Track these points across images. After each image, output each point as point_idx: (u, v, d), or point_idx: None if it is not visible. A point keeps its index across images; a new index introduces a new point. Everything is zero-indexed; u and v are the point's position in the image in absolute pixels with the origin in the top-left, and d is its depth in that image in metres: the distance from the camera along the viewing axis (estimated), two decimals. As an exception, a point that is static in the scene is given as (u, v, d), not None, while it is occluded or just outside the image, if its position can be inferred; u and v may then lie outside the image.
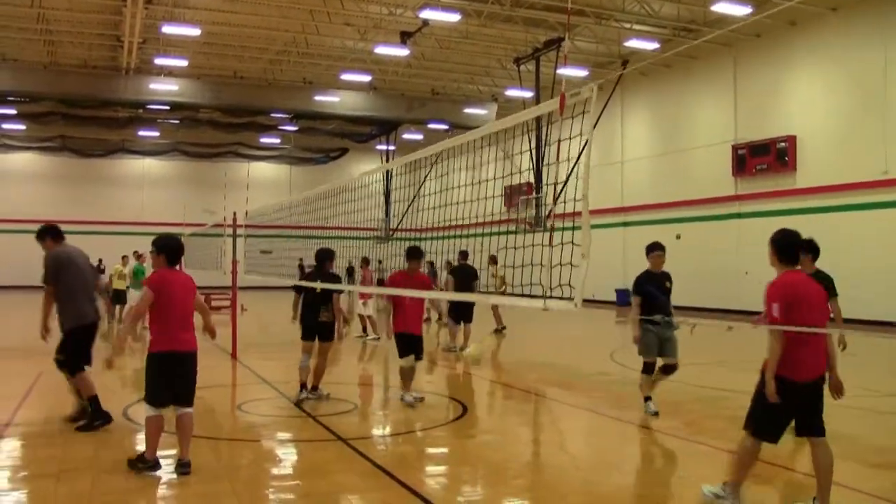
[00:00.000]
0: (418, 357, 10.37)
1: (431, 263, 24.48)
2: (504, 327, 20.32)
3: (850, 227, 23.71)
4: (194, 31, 27.85)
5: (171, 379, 6.96)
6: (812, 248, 8.02)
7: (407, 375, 10.39)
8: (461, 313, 16.68)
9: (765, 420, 5.86)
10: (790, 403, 5.74)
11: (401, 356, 10.37)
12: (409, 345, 10.29)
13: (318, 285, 10.49)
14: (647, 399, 9.62)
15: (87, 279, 8.92)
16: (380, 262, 24.94)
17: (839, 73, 25.07)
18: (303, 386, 10.52)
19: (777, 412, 5.76)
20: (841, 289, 8.83)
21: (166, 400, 7.02)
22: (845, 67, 24.77)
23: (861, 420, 9.48)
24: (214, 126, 40.81)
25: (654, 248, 10.06)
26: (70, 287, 8.61)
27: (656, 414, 9.40)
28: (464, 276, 17.08)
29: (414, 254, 10.49)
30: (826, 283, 7.10)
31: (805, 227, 22.19)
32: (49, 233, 8.92)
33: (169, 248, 7.45)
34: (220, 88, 35.32)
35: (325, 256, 10.83)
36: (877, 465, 7.59)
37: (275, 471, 7.41)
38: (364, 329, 19.20)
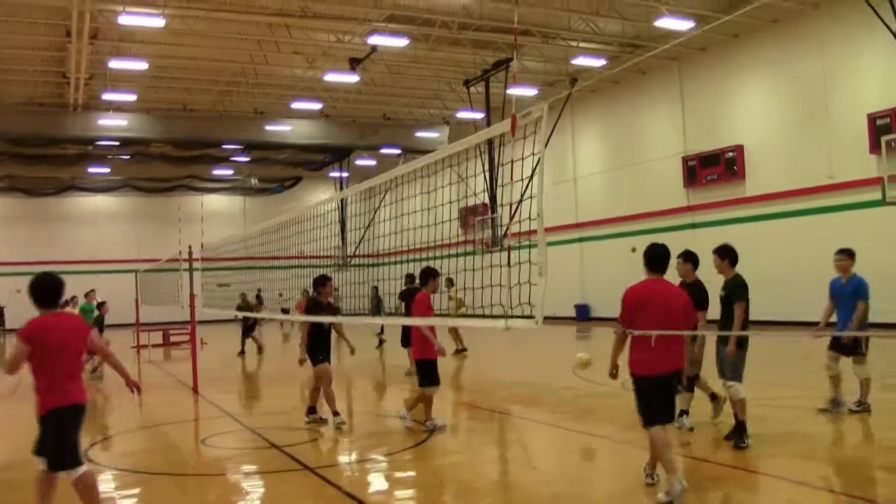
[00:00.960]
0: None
1: (375, 289, 24.43)
2: (465, 349, 20.31)
3: (798, 231, 24.16)
4: (142, 66, 27.62)
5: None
6: (690, 258, 8.72)
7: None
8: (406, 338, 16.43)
9: (645, 411, 6.76)
10: (653, 393, 6.72)
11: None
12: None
13: (325, 319, 10.87)
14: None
15: None
16: (336, 289, 24.68)
17: (782, 83, 25.63)
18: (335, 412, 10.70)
19: (648, 402, 6.73)
20: (788, 291, 9.16)
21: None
22: (787, 77, 25.33)
23: (819, 419, 9.63)
24: (166, 160, 40.45)
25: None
26: None
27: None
28: (409, 300, 16.96)
29: (432, 274, 10.58)
30: (698, 294, 8.56)
31: (756, 233, 22.72)
32: None
33: (34, 291, 6.11)
34: (170, 122, 35.05)
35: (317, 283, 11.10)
36: (836, 462, 7.71)
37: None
38: None
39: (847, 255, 10.18)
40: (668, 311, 6.80)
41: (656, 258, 7.04)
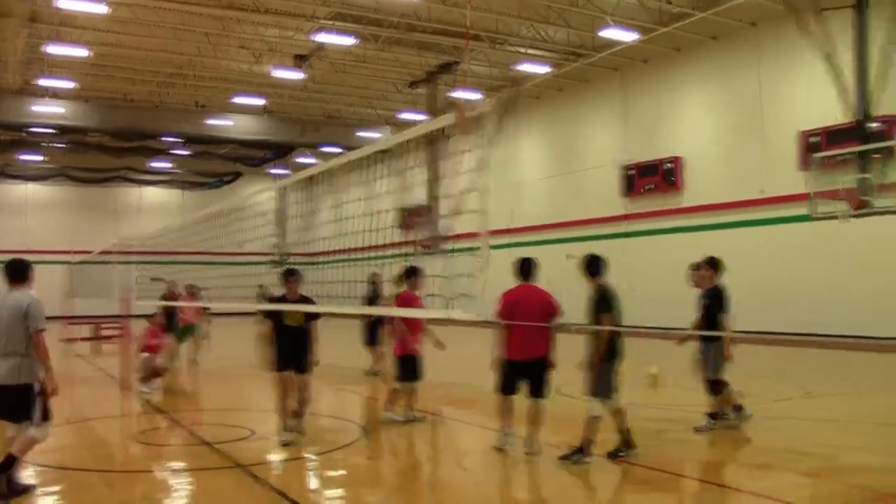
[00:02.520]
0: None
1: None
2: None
3: (732, 243, 24.65)
4: (82, 52, 27.07)
5: None
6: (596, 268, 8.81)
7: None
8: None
9: (501, 383, 8.73)
10: (510, 373, 8.62)
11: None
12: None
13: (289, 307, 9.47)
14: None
15: None
16: (260, 286, 24.32)
17: (720, 97, 26.19)
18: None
19: (504, 378, 8.69)
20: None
21: None
22: (725, 92, 25.90)
23: (746, 424, 9.87)
24: (103, 150, 39.59)
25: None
26: None
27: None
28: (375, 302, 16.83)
29: (414, 273, 10.72)
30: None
31: (690, 244, 23.07)
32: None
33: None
34: (109, 111, 34.42)
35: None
36: (763, 467, 7.92)
37: (171, 502, 7.25)
38: None
39: (708, 265, 10.20)
40: (532, 311, 8.53)
41: (523, 269, 9.06)
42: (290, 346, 9.23)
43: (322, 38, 26.07)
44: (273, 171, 45.71)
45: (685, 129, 27.38)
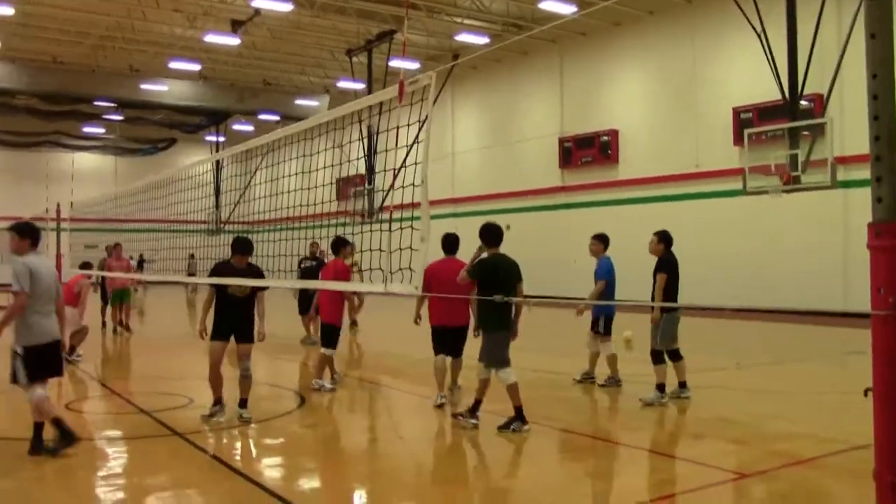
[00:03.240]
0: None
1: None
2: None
3: (667, 216, 25.06)
4: (6, 10, 26.19)
5: None
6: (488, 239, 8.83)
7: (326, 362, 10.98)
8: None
9: (434, 346, 9.61)
10: (438, 337, 9.55)
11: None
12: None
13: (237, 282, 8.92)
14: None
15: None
16: (191, 255, 23.96)
17: (656, 72, 26.54)
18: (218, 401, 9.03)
19: (436, 343, 9.60)
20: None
21: None
22: (661, 67, 26.26)
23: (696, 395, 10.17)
24: (32, 113, 38.40)
25: None
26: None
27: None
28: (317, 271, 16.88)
29: (343, 243, 11.23)
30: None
31: (627, 216, 23.49)
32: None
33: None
34: (37, 74, 33.42)
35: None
36: (695, 435, 8.18)
37: (108, 469, 7.20)
38: None
39: (598, 240, 11.13)
40: (450, 283, 8.93)
41: (446, 243, 9.87)
42: (232, 316, 8.81)
43: (259, 3, 25.68)
44: (209, 137, 45.00)
45: (622, 102, 27.69)
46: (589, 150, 28.28)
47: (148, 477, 6.82)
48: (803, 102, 20.25)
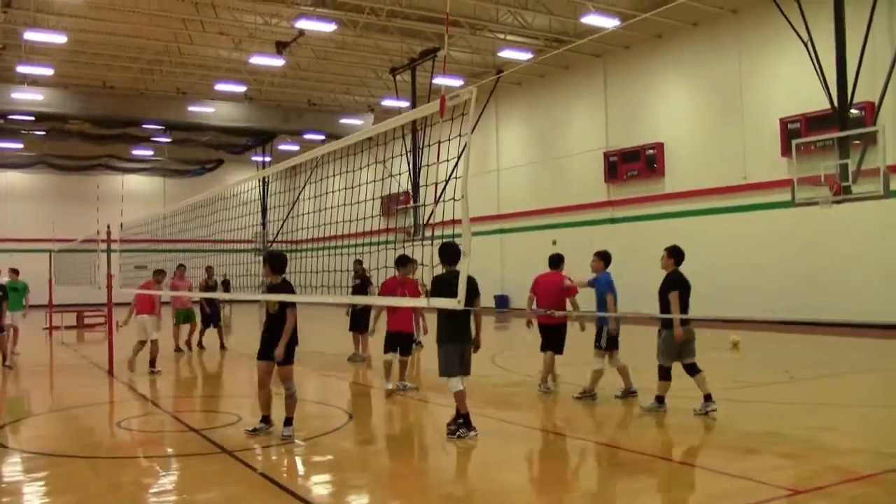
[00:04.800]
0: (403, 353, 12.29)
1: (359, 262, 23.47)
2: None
3: (714, 229, 24.88)
4: (59, 39, 26.80)
5: None
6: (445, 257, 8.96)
7: (387, 368, 12.28)
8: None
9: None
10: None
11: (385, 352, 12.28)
12: (396, 342, 12.21)
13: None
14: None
15: None
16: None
17: (701, 84, 26.30)
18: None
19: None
20: (704, 287, 9.55)
21: None
22: (706, 78, 26.01)
23: (728, 408, 10.01)
24: (83, 138, 39.27)
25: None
26: None
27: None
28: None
29: (402, 261, 12.33)
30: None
31: (673, 229, 23.36)
32: None
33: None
34: (88, 99, 34.11)
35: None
36: (746, 450, 8.03)
37: (158, 486, 7.27)
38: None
39: (598, 257, 11.19)
40: (552, 291, 10.88)
41: (553, 260, 11.85)
42: (267, 333, 8.85)
43: (303, 24, 25.96)
44: (255, 158, 45.57)
45: (667, 115, 27.49)
46: (635, 164, 28.08)
47: (197, 494, 6.88)
48: (853, 111, 19.90)
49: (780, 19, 20.65)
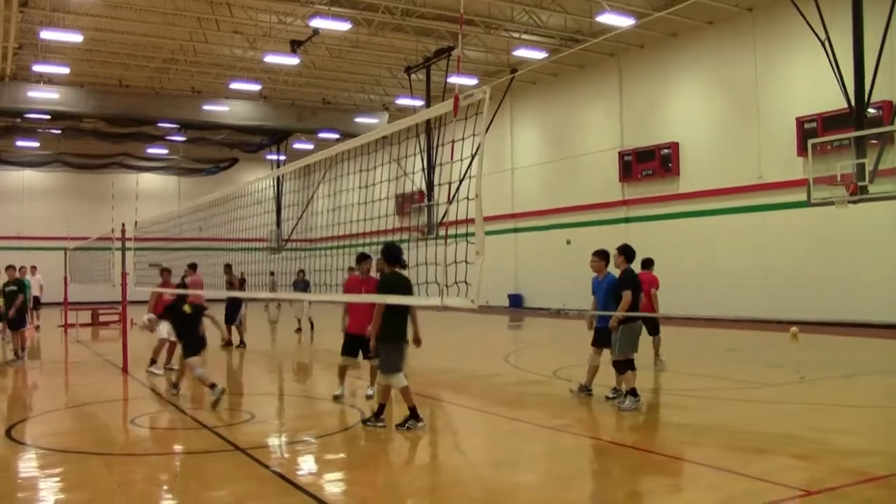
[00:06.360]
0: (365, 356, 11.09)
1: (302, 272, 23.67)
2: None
3: (729, 229, 24.77)
4: (75, 38, 26.95)
5: None
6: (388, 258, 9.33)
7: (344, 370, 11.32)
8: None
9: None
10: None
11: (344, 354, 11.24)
12: (357, 345, 10.99)
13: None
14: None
15: None
16: (272, 273, 24.64)
17: (717, 83, 26.18)
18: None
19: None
20: (719, 287, 9.46)
21: None
22: (722, 78, 25.89)
23: (742, 409, 9.96)
24: (99, 136, 39.49)
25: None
26: None
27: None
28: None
29: (362, 259, 11.33)
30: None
31: (688, 229, 23.39)
32: None
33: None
34: (104, 97, 34.29)
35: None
36: (759, 451, 7.99)
37: (171, 484, 7.29)
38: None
39: (599, 256, 11.04)
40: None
41: (645, 262, 12.85)
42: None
43: (317, 23, 26.00)
44: (270, 156, 45.68)
45: (682, 114, 27.38)
46: (649, 164, 28.00)
47: (209, 491, 6.89)
48: (871, 110, 19.74)
49: (797, 17, 20.52)
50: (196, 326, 11.44)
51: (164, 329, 14.12)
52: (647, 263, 13.85)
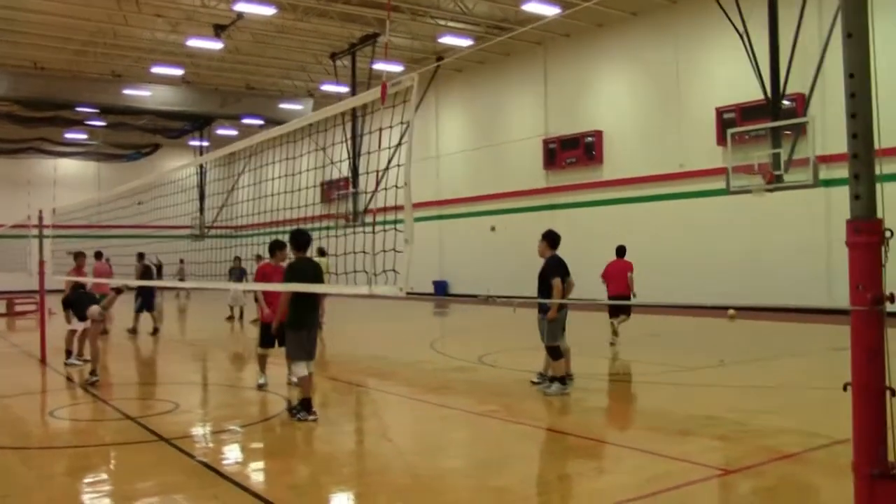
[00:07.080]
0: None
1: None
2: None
3: (651, 216, 25.30)
4: (-14, 16, 26.03)
5: None
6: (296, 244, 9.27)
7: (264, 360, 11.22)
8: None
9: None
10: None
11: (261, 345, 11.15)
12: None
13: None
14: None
15: None
16: (181, 260, 24.19)
17: (640, 73, 26.65)
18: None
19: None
20: (642, 273, 9.67)
21: None
22: (645, 68, 26.37)
23: (666, 393, 10.22)
24: (13, 120, 38.14)
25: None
26: None
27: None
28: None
29: (277, 246, 10.96)
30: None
31: (611, 216, 23.83)
32: None
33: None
34: (17, 80, 33.13)
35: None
36: (682, 432, 8.22)
37: (93, 477, 7.16)
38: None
39: (543, 238, 10.80)
40: (620, 276, 12.09)
41: (619, 250, 14.30)
42: None
43: (241, 7, 25.62)
44: (193, 142, 44.88)
45: (606, 103, 27.80)
46: (573, 151, 28.36)
47: (134, 483, 6.79)
48: (785, 102, 20.34)
49: (717, 11, 20.97)
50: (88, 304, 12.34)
51: (74, 320, 13.81)
52: (621, 251, 15.02)
